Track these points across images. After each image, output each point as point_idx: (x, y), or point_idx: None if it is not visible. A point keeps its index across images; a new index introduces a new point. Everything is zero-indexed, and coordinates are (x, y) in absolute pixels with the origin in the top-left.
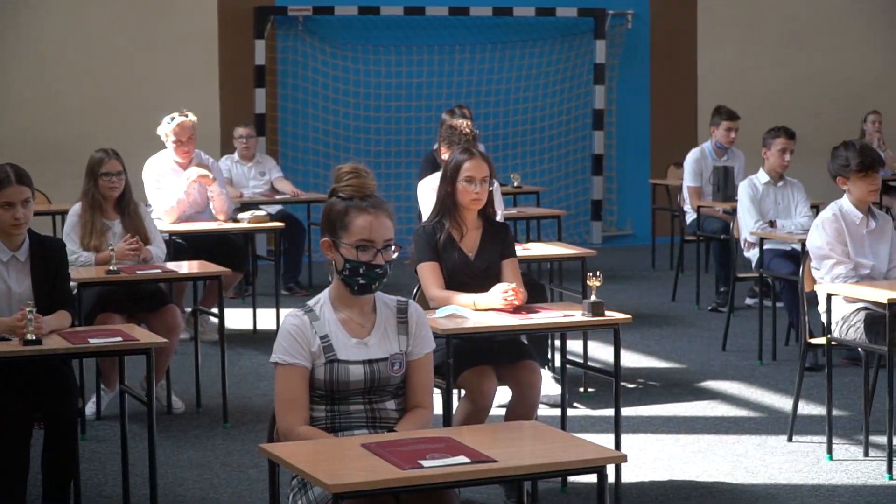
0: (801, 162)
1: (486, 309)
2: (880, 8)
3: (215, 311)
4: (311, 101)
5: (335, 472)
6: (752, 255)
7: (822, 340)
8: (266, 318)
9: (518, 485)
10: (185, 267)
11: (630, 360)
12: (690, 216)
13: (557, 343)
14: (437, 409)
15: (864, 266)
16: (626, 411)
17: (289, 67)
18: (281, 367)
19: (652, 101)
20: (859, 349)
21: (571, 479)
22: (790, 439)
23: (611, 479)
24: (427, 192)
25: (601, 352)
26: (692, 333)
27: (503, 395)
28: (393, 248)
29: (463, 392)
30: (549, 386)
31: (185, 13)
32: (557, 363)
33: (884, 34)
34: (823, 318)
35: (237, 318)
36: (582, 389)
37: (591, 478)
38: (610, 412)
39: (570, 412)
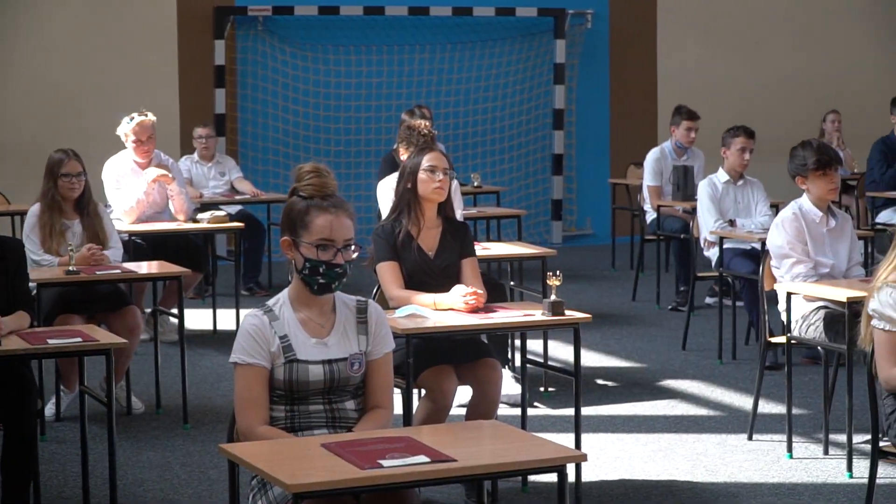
0: (761, 161)
1: (447, 309)
2: (839, 8)
3: (175, 311)
4: (271, 101)
5: (295, 472)
6: (712, 254)
7: (781, 339)
8: (226, 319)
9: (478, 484)
10: (144, 267)
11: (590, 359)
12: (650, 215)
13: (518, 342)
14: (398, 408)
15: (823, 265)
16: (586, 411)
17: (248, 67)
18: (240, 367)
19: (612, 100)
20: (819, 348)
21: (532, 478)
22: (750, 438)
23: (571, 478)
24: (386, 191)
25: (561, 351)
26: (652, 333)
27: (463, 394)
28: (353, 247)
29: (423, 392)
30: (510, 385)
31: (144, 13)
32: (518, 362)
33: (843, 34)
34: (783, 317)
35: (197, 319)
36: (542, 389)
37: (552, 477)
38: (570, 411)
39: (531, 411)
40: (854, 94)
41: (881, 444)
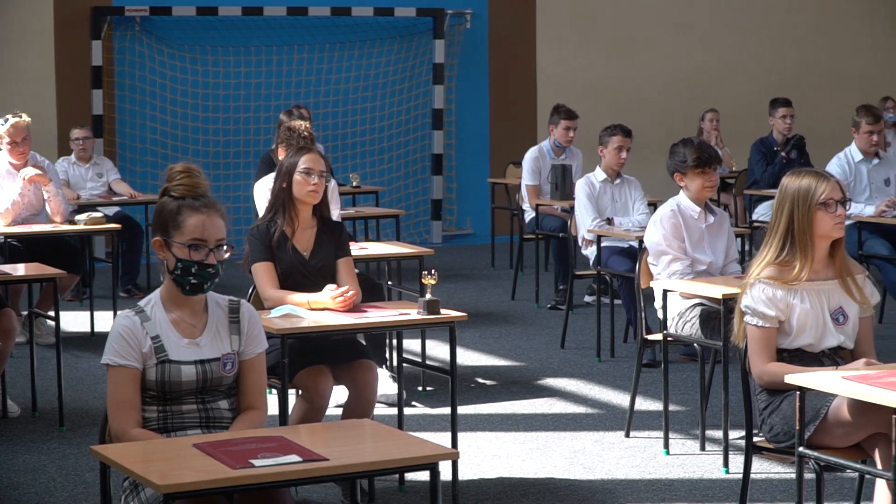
0: (639, 160)
1: (321, 309)
2: (716, 8)
3: (51, 313)
4: (149, 102)
5: (166, 473)
6: (590, 252)
7: (658, 337)
8: (103, 321)
9: (351, 483)
10: (20, 269)
11: (469, 358)
12: (529, 215)
13: (395, 342)
14: (273, 409)
15: (701, 262)
16: (464, 409)
17: (126, 68)
18: (112, 368)
19: (491, 100)
20: (695, 345)
21: (409, 477)
22: (627, 435)
23: (446, 476)
24: (263, 192)
25: (440, 350)
26: (531, 331)
27: (340, 394)
28: (225, 248)
29: (299, 392)
30: (387, 385)
31: (20, 13)
32: (396, 362)
33: (720, 32)
34: (660, 315)
35: (74, 321)
36: (420, 388)
37: (429, 475)
38: (448, 410)
39: (409, 411)
40: (732, 92)
41: (755, 439)
